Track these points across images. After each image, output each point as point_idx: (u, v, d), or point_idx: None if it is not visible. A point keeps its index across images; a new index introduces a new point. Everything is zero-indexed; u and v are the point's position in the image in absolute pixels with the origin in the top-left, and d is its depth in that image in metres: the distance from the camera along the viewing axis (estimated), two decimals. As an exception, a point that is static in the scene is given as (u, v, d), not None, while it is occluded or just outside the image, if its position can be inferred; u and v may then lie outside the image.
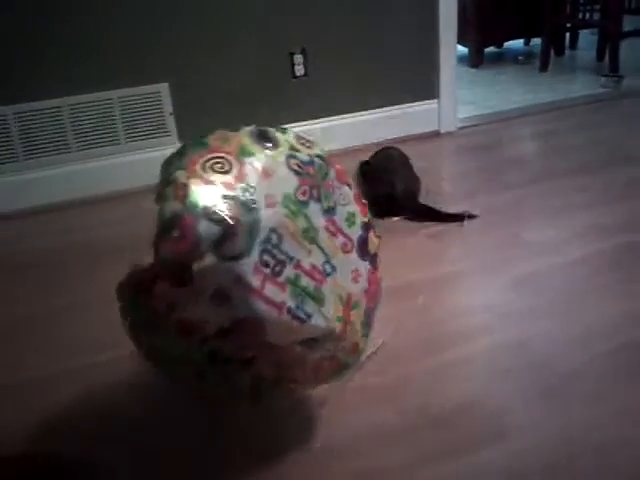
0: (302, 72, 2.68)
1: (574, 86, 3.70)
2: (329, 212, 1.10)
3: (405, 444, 1.13)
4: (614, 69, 3.76)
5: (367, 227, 1.19)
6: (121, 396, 1.32)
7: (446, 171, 2.62)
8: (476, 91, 3.75)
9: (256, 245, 0.94)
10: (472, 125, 3.06)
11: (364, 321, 1.13)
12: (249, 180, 0.97)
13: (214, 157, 0.98)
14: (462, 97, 3.39)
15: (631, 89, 3.48)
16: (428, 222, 2.02)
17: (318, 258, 1.05)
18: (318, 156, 1.12)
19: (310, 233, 1.04)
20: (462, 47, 4.29)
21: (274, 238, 0.97)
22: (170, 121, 2.54)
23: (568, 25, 4.49)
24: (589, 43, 4.74)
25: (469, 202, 2.15)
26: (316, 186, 1.08)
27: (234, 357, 0.99)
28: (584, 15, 4.13)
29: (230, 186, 0.95)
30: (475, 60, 4.41)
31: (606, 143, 2.67)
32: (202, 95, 2.55)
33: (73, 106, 2.39)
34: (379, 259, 1.20)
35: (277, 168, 1.03)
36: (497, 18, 4.35)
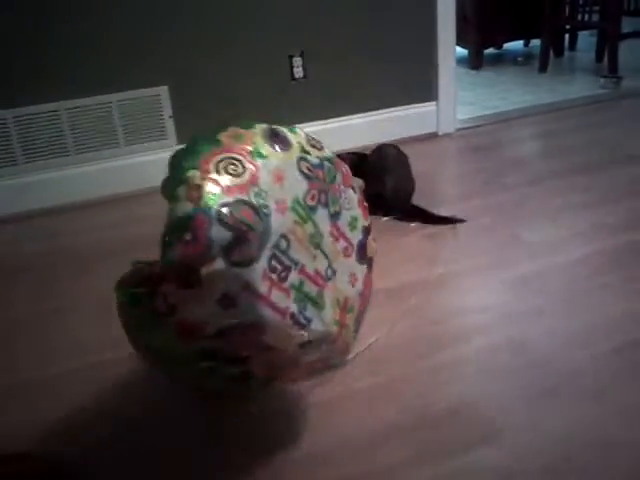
0: (301, 74, 2.69)
1: (573, 87, 3.71)
2: (335, 217, 1.10)
3: (401, 444, 1.13)
4: (613, 70, 3.76)
5: (367, 231, 1.19)
6: (119, 397, 1.32)
7: (444, 172, 2.62)
8: (475, 92, 3.75)
9: (266, 251, 0.94)
10: (471, 126, 3.06)
11: (356, 322, 1.14)
12: (261, 184, 0.96)
13: (227, 157, 0.96)
14: (461, 98, 3.40)
15: (630, 90, 3.48)
16: (417, 223, 2.01)
17: (321, 263, 1.05)
18: (327, 159, 1.12)
19: (316, 238, 1.04)
20: (462, 49, 4.31)
21: (283, 244, 0.97)
22: (170, 124, 2.54)
23: (567, 26, 4.50)
24: (588, 44, 4.75)
25: (467, 203, 2.15)
26: (324, 190, 1.08)
27: (228, 355, 0.99)
28: (583, 16, 4.13)
29: (243, 190, 0.93)
30: (474, 61, 4.41)
31: (606, 143, 2.68)
32: (202, 98, 2.55)
33: (72, 109, 2.39)
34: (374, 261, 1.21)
35: (288, 171, 1.02)
36: (496, 19, 4.36)
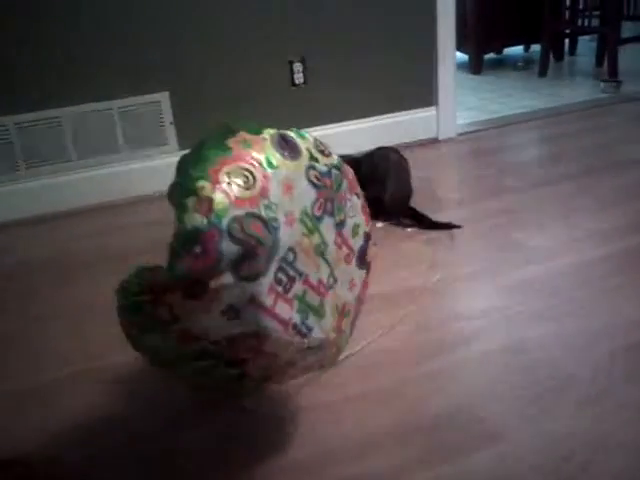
0: (301, 80, 2.70)
1: (574, 91, 3.72)
2: (340, 225, 1.10)
3: (399, 448, 1.13)
4: (613, 74, 3.77)
5: (368, 237, 1.19)
6: (117, 400, 1.32)
7: (444, 177, 2.62)
8: (476, 97, 3.76)
9: (273, 264, 0.94)
10: (471, 131, 3.07)
11: (351, 325, 1.15)
12: (271, 196, 0.96)
13: (238, 168, 0.95)
14: (462, 103, 3.41)
15: (630, 94, 3.49)
16: (414, 228, 2.01)
17: (324, 272, 1.05)
18: (335, 166, 1.12)
19: (321, 248, 1.04)
20: (462, 54, 4.32)
21: (290, 256, 0.97)
22: (170, 130, 2.55)
23: (567, 31, 4.51)
24: (588, 49, 4.76)
25: (468, 207, 2.15)
26: (331, 199, 1.08)
27: (227, 359, 0.99)
28: (583, 21, 4.14)
29: (254, 202, 0.93)
30: (475, 66, 4.42)
31: (607, 147, 2.67)
32: (202, 104, 2.56)
33: (73, 116, 2.40)
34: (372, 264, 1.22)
35: (298, 181, 1.02)
36: (497, 24, 4.37)
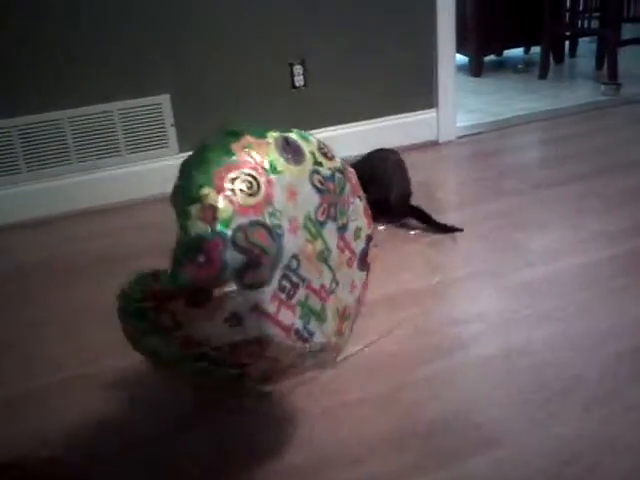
0: (301, 82, 2.71)
1: (574, 93, 3.72)
2: (342, 229, 1.10)
3: (395, 454, 1.13)
4: (613, 77, 3.77)
5: (369, 239, 1.19)
6: (113, 405, 1.32)
7: (445, 179, 2.62)
8: (476, 100, 3.76)
9: (277, 272, 0.93)
10: (471, 134, 3.07)
11: (350, 327, 1.15)
12: (276, 202, 0.95)
13: (242, 174, 0.93)
14: (462, 105, 3.41)
15: (631, 96, 3.49)
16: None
17: (327, 277, 1.04)
18: (338, 169, 1.11)
19: (324, 254, 1.04)
20: (462, 56, 4.33)
21: (294, 264, 0.97)
22: (171, 132, 2.56)
23: (567, 33, 4.52)
24: (588, 51, 4.76)
25: (468, 210, 2.16)
26: (334, 203, 1.08)
27: (228, 362, 0.99)
28: (583, 23, 4.14)
29: (258, 210, 0.92)
30: (475, 69, 4.43)
31: (607, 149, 2.68)
32: (203, 106, 2.57)
33: (74, 118, 2.41)
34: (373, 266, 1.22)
35: (301, 186, 1.01)
36: (497, 27, 4.37)
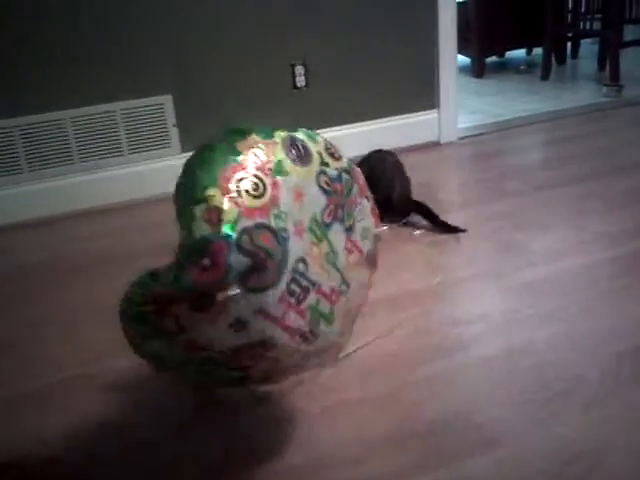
0: (303, 83, 2.71)
1: (575, 95, 3.72)
2: (349, 230, 1.09)
3: (395, 453, 1.13)
4: (614, 78, 3.77)
5: (376, 239, 1.18)
6: (112, 405, 1.32)
7: (446, 180, 2.63)
8: (478, 100, 3.77)
9: (284, 276, 0.92)
10: (473, 135, 3.07)
11: (352, 325, 1.16)
12: (282, 204, 0.94)
13: (248, 175, 0.92)
14: (464, 106, 3.41)
15: (632, 98, 3.49)
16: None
17: (336, 279, 1.04)
18: (345, 170, 1.10)
19: (331, 256, 1.03)
20: (464, 57, 4.33)
21: (301, 267, 0.96)
22: (173, 133, 2.56)
23: (569, 35, 4.52)
24: (590, 52, 4.76)
25: (470, 211, 2.16)
26: (341, 205, 1.07)
27: (231, 365, 0.99)
28: (585, 25, 4.14)
29: (264, 212, 0.91)
30: (477, 70, 4.43)
31: (609, 151, 2.68)
32: (205, 107, 2.57)
33: (76, 118, 2.42)
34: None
35: (308, 188, 1.01)
36: (499, 28, 4.38)
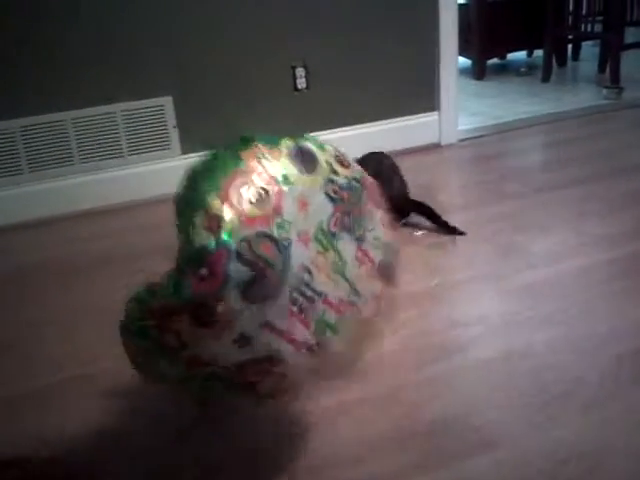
0: (304, 85, 2.71)
1: (576, 97, 3.72)
2: (359, 240, 1.06)
3: (395, 453, 1.14)
4: (615, 80, 3.77)
5: (392, 251, 1.15)
6: (111, 406, 1.32)
7: (446, 182, 2.63)
8: (478, 103, 3.77)
9: (287, 286, 0.90)
10: (474, 137, 3.07)
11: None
12: (285, 213, 0.91)
13: (251, 183, 0.90)
14: (464, 108, 3.41)
15: (632, 100, 3.49)
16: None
17: (345, 290, 1.01)
18: (355, 178, 1.07)
19: (339, 266, 1.00)
20: (465, 59, 4.33)
21: (306, 277, 0.93)
22: (174, 134, 2.57)
23: (570, 37, 4.52)
24: (591, 54, 4.75)
25: (470, 213, 2.16)
26: (348, 212, 1.04)
27: (236, 381, 0.96)
28: (586, 27, 4.15)
29: (265, 221, 0.88)
30: (478, 72, 4.43)
31: (609, 153, 2.68)
32: (205, 109, 2.58)
33: (77, 120, 2.42)
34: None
35: (314, 197, 0.97)
36: (500, 30, 4.38)
